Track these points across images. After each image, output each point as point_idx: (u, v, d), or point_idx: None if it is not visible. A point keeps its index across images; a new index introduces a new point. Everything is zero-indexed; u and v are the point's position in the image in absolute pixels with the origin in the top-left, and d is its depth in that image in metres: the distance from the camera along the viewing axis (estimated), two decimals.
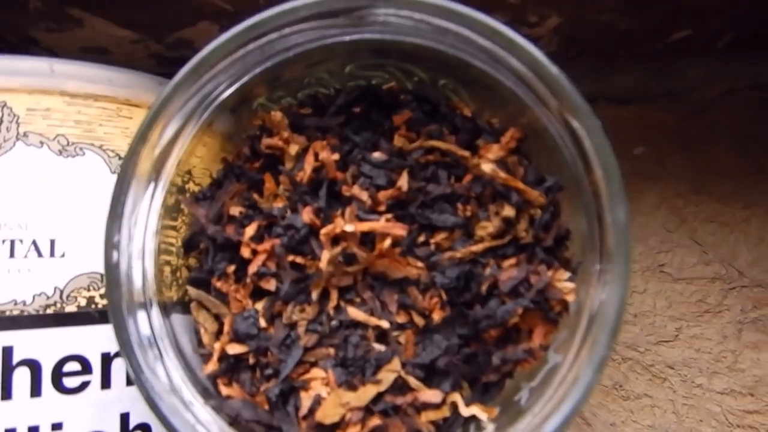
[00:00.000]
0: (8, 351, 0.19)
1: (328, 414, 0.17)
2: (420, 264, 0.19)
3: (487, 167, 0.18)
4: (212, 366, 0.18)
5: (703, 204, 0.32)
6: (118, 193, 0.16)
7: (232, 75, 0.19)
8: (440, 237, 0.19)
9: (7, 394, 0.18)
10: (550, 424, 0.15)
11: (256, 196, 0.20)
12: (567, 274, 0.18)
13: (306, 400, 0.17)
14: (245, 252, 0.18)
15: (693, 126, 0.33)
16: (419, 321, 0.19)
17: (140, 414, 0.20)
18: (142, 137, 0.17)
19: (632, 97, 0.33)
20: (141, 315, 0.17)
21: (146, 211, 0.18)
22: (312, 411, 0.17)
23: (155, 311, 0.17)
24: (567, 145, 0.17)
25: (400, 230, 0.18)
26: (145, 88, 0.22)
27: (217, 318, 0.19)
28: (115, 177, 0.21)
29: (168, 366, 0.17)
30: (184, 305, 0.20)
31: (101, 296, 0.20)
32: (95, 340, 0.20)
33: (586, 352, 0.16)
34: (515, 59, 0.16)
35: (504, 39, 0.16)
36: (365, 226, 0.18)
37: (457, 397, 0.18)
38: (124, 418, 0.20)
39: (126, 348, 0.16)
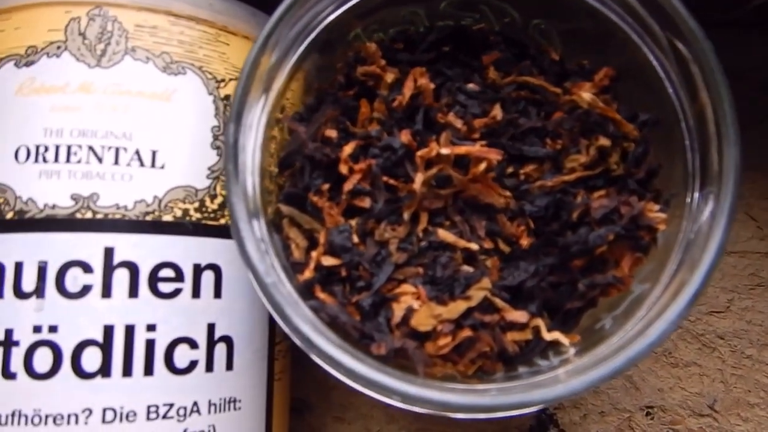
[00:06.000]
0: (110, 251, 0.19)
1: (421, 322, 0.17)
2: (508, 193, 0.20)
3: (586, 95, 0.18)
4: (309, 273, 0.18)
5: (759, 181, 0.32)
6: (241, 96, 0.17)
7: (332, 3, 0.20)
8: (529, 168, 0.20)
9: (108, 293, 0.19)
10: (649, 334, 0.15)
11: (348, 123, 0.21)
12: (658, 206, 0.18)
13: (399, 310, 0.18)
14: (343, 169, 0.19)
15: (753, 105, 0.33)
16: (505, 248, 0.19)
17: (225, 326, 0.21)
18: (260, 49, 0.18)
19: None
20: (254, 222, 0.17)
21: (255, 126, 0.18)
22: (405, 320, 0.18)
23: (262, 222, 0.18)
24: (670, 77, 0.17)
25: (495, 154, 0.19)
26: (242, 17, 0.23)
27: (308, 235, 0.20)
28: (211, 98, 0.21)
29: (276, 269, 0.17)
30: (273, 225, 0.20)
31: (195, 210, 0.21)
32: (188, 251, 0.20)
33: (683, 274, 0.16)
34: None
35: None
36: (461, 150, 0.19)
37: (539, 322, 0.19)
38: (211, 328, 0.20)
39: (248, 243, 0.16)
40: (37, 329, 0.19)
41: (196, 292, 0.20)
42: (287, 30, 0.19)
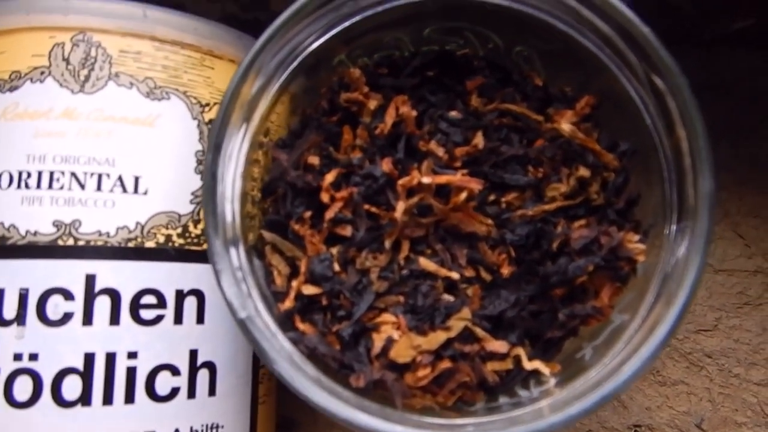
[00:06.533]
0: (91, 279, 0.19)
1: (400, 354, 0.17)
2: (490, 221, 0.20)
3: (566, 127, 0.18)
4: (289, 303, 0.18)
5: (746, 197, 0.32)
6: (219, 127, 0.17)
7: (317, 30, 0.20)
8: (511, 197, 0.20)
9: (89, 320, 0.19)
10: (623, 372, 0.15)
11: (331, 149, 0.21)
12: (637, 236, 0.18)
13: (378, 341, 0.18)
14: (324, 197, 0.19)
15: (740, 118, 0.33)
16: (486, 276, 0.20)
17: (207, 352, 0.21)
18: (240, 80, 0.18)
19: None
20: (232, 250, 0.17)
21: (236, 154, 0.19)
22: (384, 351, 0.18)
23: (241, 249, 0.18)
24: (647, 108, 0.17)
25: (476, 184, 0.19)
26: (228, 41, 0.23)
27: (290, 262, 0.20)
28: (195, 123, 0.22)
29: (254, 299, 0.17)
30: (256, 250, 0.20)
31: (178, 235, 0.21)
32: (170, 277, 0.20)
33: (660, 308, 0.16)
34: (601, 19, 0.17)
35: None
36: (442, 179, 0.19)
37: (520, 351, 0.19)
38: (193, 354, 0.21)
39: (223, 274, 0.16)
40: (17, 357, 0.19)
41: (178, 318, 0.20)
42: (270, 58, 0.19)
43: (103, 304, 0.19)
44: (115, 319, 0.19)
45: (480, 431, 0.15)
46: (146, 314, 0.20)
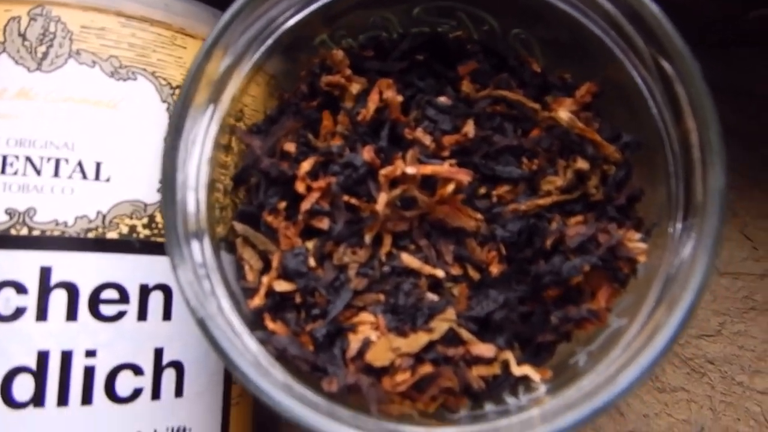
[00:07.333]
0: (46, 271, 0.18)
1: (378, 357, 0.16)
2: (479, 216, 0.18)
3: (564, 115, 0.17)
4: (258, 300, 0.17)
5: (757, 198, 0.31)
6: (180, 110, 0.15)
7: (294, 5, 0.18)
8: (502, 190, 0.18)
9: (43, 315, 0.18)
10: (619, 382, 0.14)
11: (310, 135, 0.19)
12: (638, 235, 0.17)
13: (354, 342, 0.16)
14: (300, 187, 0.18)
15: (756, 122, 0.31)
16: (474, 275, 0.18)
17: (174, 351, 0.19)
18: (203, 59, 0.16)
19: None
20: (194, 243, 0.16)
21: (202, 138, 0.17)
22: (360, 353, 0.16)
23: (206, 242, 0.16)
24: (654, 96, 0.16)
25: (464, 175, 0.17)
26: (202, 19, 0.21)
27: (263, 256, 0.18)
28: (165, 106, 0.20)
29: (218, 296, 0.16)
30: (227, 243, 0.19)
31: (143, 226, 0.19)
32: (134, 270, 0.19)
33: (661, 313, 0.15)
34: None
35: None
36: (428, 169, 0.17)
37: (508, 355, 0.17)
38: (158, 353, 0.19)
39: (180, 270, 0.15)
40: None
41: (142, 315, 0.19)
42: (239, 34, 0.17)
43: (59, 298, 0.18)
44: (72, 314, 0.18)
45: None
46: (107, 310, 0.18)
